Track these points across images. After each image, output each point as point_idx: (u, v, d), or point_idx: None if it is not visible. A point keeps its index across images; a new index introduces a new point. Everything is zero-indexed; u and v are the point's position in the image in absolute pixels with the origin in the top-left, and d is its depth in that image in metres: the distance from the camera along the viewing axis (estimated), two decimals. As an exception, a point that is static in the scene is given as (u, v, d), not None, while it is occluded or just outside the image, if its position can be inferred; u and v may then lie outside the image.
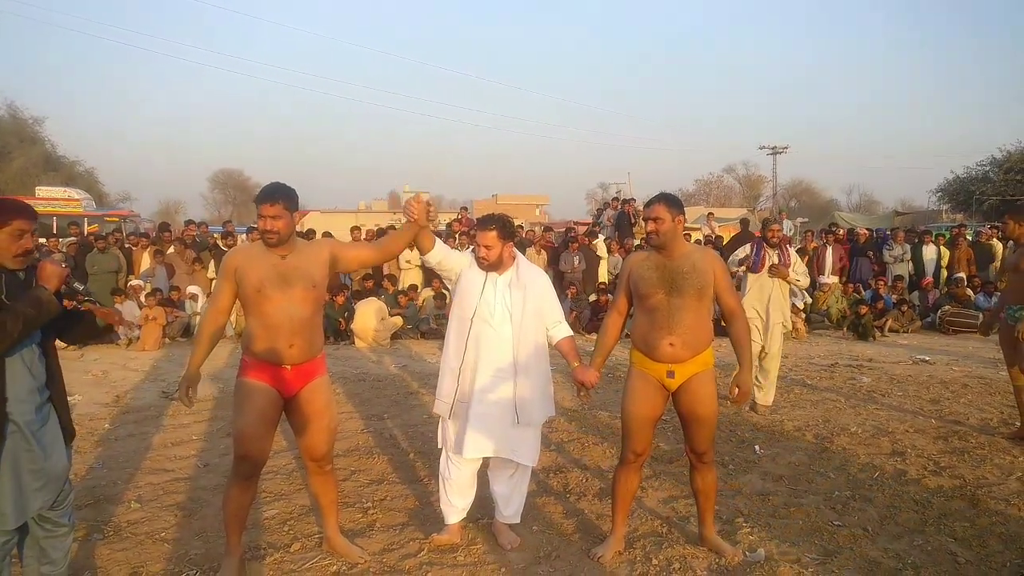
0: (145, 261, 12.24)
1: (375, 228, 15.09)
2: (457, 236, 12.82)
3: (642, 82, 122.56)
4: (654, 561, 3.47)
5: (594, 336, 11.65)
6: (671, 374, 3.36)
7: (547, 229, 15.35)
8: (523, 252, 12.61)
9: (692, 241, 13.84)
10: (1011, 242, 5.80)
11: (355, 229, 14.03)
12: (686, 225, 3.98)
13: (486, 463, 3.73)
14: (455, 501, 3.66)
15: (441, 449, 3.73)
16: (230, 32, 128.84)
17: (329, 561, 3.50)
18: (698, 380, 3.37)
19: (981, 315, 11.48)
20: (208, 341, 3.32)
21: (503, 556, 3.56)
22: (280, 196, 3.18)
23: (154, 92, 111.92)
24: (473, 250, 3.65)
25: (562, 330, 3.73)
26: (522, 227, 14.23)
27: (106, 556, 3.56)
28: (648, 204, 3.44)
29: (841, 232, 14.62)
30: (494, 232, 3.48)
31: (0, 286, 2.61)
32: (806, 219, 34.08)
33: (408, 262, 12.29)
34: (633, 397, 3.43)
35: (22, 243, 2.67)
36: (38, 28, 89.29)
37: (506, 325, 3.50)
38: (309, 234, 11.72)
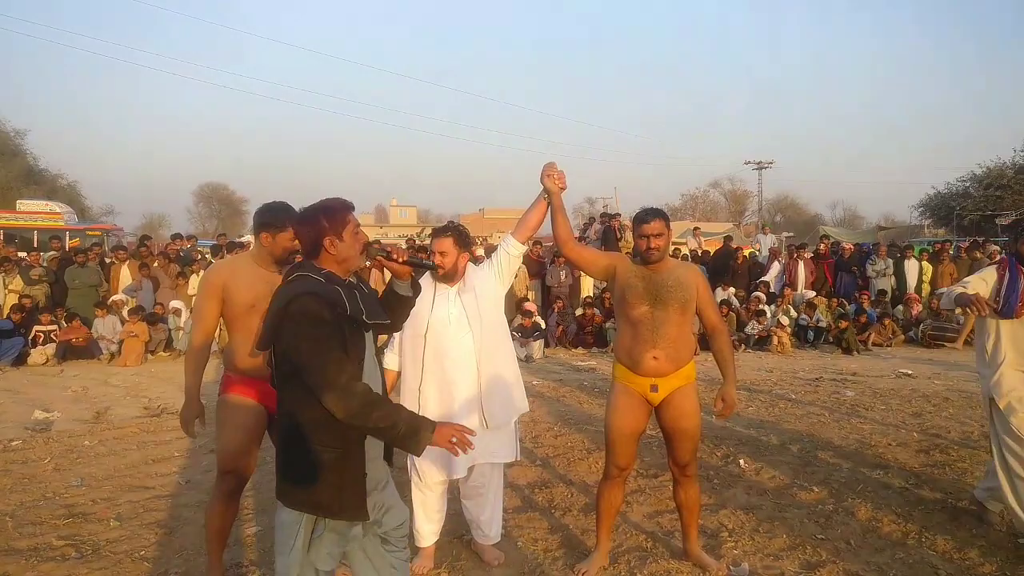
0: (126, 275, 12.15)
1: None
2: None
3: (630, 96, 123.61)
4: (638, 576, 3.47)
5: (579, 350, 11.65)
6: (654, 388, 3.36)
7: (536, 243, 15.36)
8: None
9: (680, 256, 13.93)
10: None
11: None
12: (673, 240, 3.99)
13: (453, 482, 3.61)
14: (425, 527, 3.56)
15: (410, 478, 3.61)
16: (216, 45, 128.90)
17: (311, 578, 3.46)
18: (681, 394, 3.38)
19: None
20: (202, 366, 3.28)
21: (487, 571, 3.54)
22: None
23: (139, 105, 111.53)
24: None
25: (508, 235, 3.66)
26: (539, 243, 14.24)
27: (84, 575, 3.50)
28: (646, 219, 3.37)
29: (823, 247, 14.76)
30: (450, 239, 3.44)
31: (357, 303, 2.31)
32: (791, 234, 34.39)
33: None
34: (617, 411, 3.43)
35: (360, 237, 2.46)
36: (21, 40, 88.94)
37: (465, 334, 3.42)
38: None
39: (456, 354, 3.42)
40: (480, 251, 15.41)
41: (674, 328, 3.33)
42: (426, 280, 3.53)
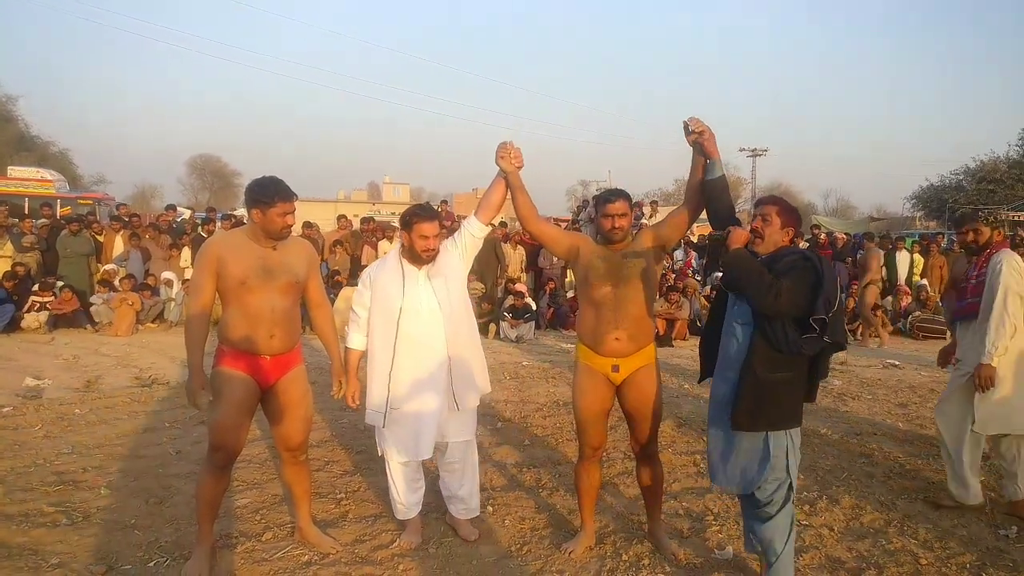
0: (118, 245, 12.09)
1: (356, 216, 15.01)
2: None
3: (625, 80, 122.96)
4: (624, 556, 3.51)
5: (571, 332, 11.68)
6: (616, 368, 3.38)
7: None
8: (501, 247, 12.51)
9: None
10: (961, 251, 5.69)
11: (342, 217, 13.90)
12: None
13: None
14: (408, 498, 3.60)
15: (382, 456, 3.63)
16: (211, 16, 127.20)
17: (301, 551, 3.50)
18: (642, 374, 3.40)
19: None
20: (202, 338, 3.25)
21: (474, 548, 3.59)
22: (294, 193, 3.26)
23: (132, 74, 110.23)
24: (401, 249, 3.54)
25: (471, 216, 3.66)
26: (504, 224, 14.21)
27: (75, 542, 3.53)
28: (609, 199, 3.38)
29: (823, 237, 14.81)
30: (437, 222, 3.46)
31: None
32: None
33: (387, 254, 12.22)
34: (582, 392, 3.46)
35: None
36: (14, 6, 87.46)
37: (436, 318, 3.43)
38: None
39: (427, 339, 3.43)
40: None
41: (636, 308, 3.34)
42: (395, 264, 3.53)
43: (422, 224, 3.40)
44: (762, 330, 2.90)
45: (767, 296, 2.80)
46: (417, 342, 3.42)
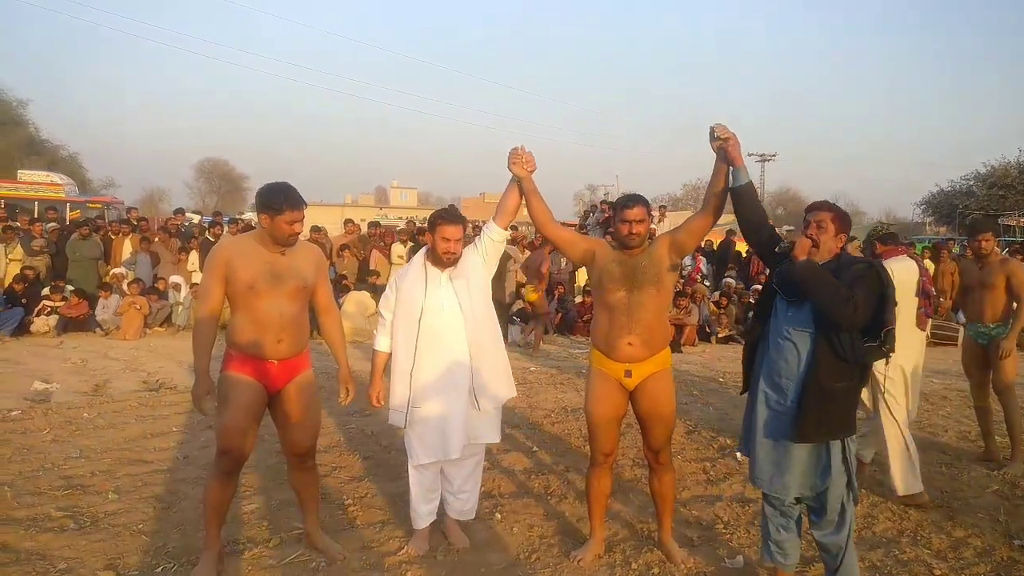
0: (127, 249, 12.11)
1: (364, 221, 15.04)
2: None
3: (633, 85, 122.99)
4: (633, 565, 3.48)
5: (579, 337, 11.63)
6: (628, 373, 3.36)
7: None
8: (507, 252, 12.51)
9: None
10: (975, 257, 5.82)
11: (349, 222, 13.93)
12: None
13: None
14: (422, 507, 3.59)
15: (408, 459, 3.63)
16: (218, 20, 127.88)
17: (308, 557, 3.48)
18: (655, 380, 3.38)
19: (962, 328, 11.56)
20: (209, 343, 3.24)
21: (482, 556, 3.56)
22: (304, 202, 3.26)
23: (140, 78, 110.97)
24: (426, 251, 3.57)
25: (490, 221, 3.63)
26: (515, 228, 14.17)
27: (82, 547, 3.52)
28: (628, 205, 3.35)
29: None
30: (461, 227, 3.48)
31: None
32: (792, 227, 34.28)
33: (400, 257, 12.21)
34: (595, 398, 3.44)
35: None
36: (24, 10, 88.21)
37: (458, 320, 3.45)
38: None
39: (449, 340, 3.44)
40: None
41: (650, 313, 3.33)
42: (419, 266, 3.55)
43: (445, 227, 3.44)
44: (828, 339, 2.85)
45: (845, 308, 2.74)
46: (438, 342, 3.44)
